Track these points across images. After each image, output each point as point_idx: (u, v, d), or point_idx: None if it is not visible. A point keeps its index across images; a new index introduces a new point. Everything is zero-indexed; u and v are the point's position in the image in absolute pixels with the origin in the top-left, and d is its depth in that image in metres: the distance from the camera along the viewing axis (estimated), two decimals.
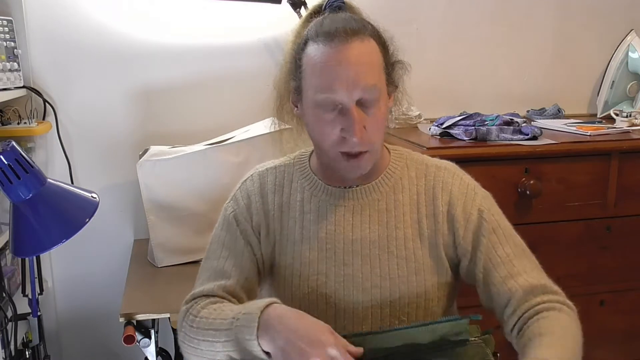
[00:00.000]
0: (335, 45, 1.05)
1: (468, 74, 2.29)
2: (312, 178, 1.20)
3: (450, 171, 1.20)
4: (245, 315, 1.02)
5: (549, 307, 1.07)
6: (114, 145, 2.07)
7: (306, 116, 1.13)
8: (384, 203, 1.17)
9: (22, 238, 1.23)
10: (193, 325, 1.08)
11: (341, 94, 1.05)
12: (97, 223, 1.33)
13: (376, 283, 1.13)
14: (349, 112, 1.05)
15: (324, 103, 1.07)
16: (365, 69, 1.06)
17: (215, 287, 1.13)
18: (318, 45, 1.07)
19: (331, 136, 1.08)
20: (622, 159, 1.79)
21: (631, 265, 1.86)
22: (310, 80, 1.09)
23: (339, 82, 1.04)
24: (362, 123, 1.06)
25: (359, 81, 1.05)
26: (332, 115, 1.07)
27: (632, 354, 1.93)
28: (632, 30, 2.29)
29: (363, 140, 1.07)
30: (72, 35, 1.98)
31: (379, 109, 1.08)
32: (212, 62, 2.09)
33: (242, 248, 1.17)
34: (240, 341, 1.01)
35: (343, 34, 1.05)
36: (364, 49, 1.07)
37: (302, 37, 1.12)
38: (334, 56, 1.05)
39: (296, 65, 1.12)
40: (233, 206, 1.21)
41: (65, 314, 2.14)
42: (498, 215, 1.18)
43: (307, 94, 1.10)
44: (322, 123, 1.08)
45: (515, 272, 1.11)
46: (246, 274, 1.17)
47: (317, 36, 1.08)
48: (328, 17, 1.12)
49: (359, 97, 1.06)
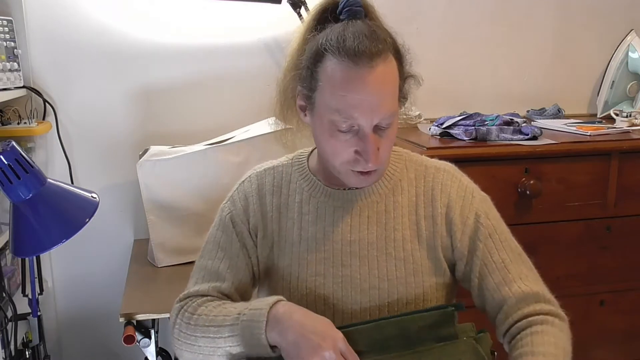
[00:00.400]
0: (360, 70, 1.01)
1: (468, 74, 2.29)
2: (311, 179, 1.20)
3: (449, 173, 1.20)
4: (253, 311, 1.03)
5: (542, 321, 1.07)
6: (114, 145, 2.07)
7: (317, 128, 1.11)
8: (382, 204, 1.17)
9: (22, 238, 1.23)
10: (190, 322, 1.09)
11: (361, 120, 1.04)
12: (97, 223, 1.33)
13: (374, 284, 1.13)
14: (366, 137, 1.05)
15: (341, 124, 1.05)
16: (386, 96, 1.05)
17: (209, 289, 1.14)
18: (340, 64, 1.02)
19: (344, 155, 1.07)
20: (622, 159, 1.79)
21: (631, 265, 1.86)
22: (328, 98, 1.05)
23: (361, 109, 1.03)
24: (377, 146, 1.06)
25: (380, 109, 1.03)
26: (348, 136, 1.06)
27: (632, 354, 1.93)
28: (632, 30, 2.29)
29: (375, 160, 1.07)
30: (72, 35, 1.98)
31: (392, 131, 1.08)
32: (212, 62, 2.09)
33: (238, 251, 1.18)
34: (246, 336, 1.02)
35: (368, 57, 1.01)
36: (387, 74, 1.04)
37: (318, 46, 1.06)
38: (358, 82, 1.02)
39: (311, 76, 1.07)
40: (230, 207, 1.20)
41: (65, 314, 2.14)
42: (495, 219, 1.18)
43: (323, 109, 1.07)
44: (336, 142, 1.07)
45: (509, 279, 1.12)
46: (240, 276, 1.17)
47: (338, 52, 1.02)
48: (349, 29, 1.04)
49: (377, 123, 1.05)
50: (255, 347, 1.02)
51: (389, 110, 1.05)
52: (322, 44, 1.05)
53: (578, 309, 1.83)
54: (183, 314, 1.11)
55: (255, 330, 1.01)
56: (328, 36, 1.05)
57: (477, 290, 1.15)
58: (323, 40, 1.05)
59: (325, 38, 1.05)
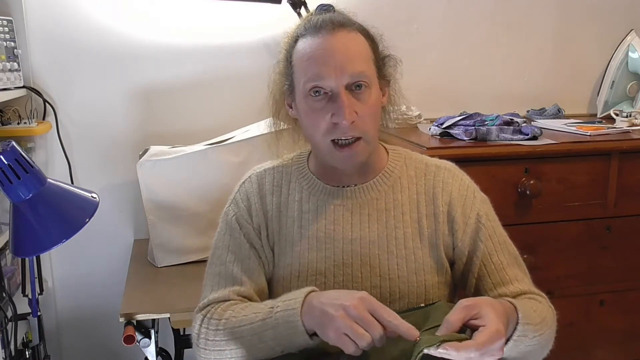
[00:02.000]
0: (322, 35, 1.08)
1: (468, 74, 2.29)
2: (310, 177, 1.20)
3: (450, 171, 1.21)
4: (287, 302, 1.00)
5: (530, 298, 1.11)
6: (114, 145, 2.07)
7: (299, 112, 1.14)
8: (382, 202, 1.17)
9: (22, 238, 1.23)
10: (218, 328, 1.06)
11: (329, 80, 1.06)
12: (97, 223, 1.33)
13: (376, 283, 1.13)
14: (339, 96, 1.06)
15: (313, 91, 1.08)
16: (352, 55, 1.08)
17: (229, 293, 1.12)
18: (306, 39, 1.10)
19: (322, 124, 1.08)
20: (622, 159, 1.79)
21: (631, 265, 1.86)
22: (299, 72, 1.10)
23: (327, 69, 1.06)
24: (353, 107, 1.07)
25: (346, 67, 1.06)
26: (323, 104, 1.08)
27: (632, 354, 1.93)
28: (632, 30, 2.29)
29: (355, 125, 1.07)
30: (72, 35, 1.98)
31: (369, 96, 1.09)
32: (212, 62, 2.09)
33: (248, 252, 1.17)
34: (281, 327, 0.99)
35: (330, 25, 1.08)
36: (350, 39, 1.09)
37: (292, 37, 1.15)
38: (321, 45, 1.08)
39: (288, 64, 1.14)
40: (234, 209, 1.20)
41: (65, 314, 2.14)
42: (495, 221, 1.19)
43: (298, 87, 1.11)
44: (313, 112, 1.09)
45: (506, 280, 1.14)
46: (255, 277, 1.16)
47: (305, 31, 1.11)
48: (315, 15, 1.15)
49: (347, 82, 1.06)
50: (292, 337, 0.98)
51: (356, 69, 1.07)
52: (293, 33, 1.15)
53: (578, 309, 1.83)
54: (208, 321, 1.09)
55: (291, 318, 0.98)
56: (299, 25, 1.15)
57: (474, 289, 1.16)
58: (294, 30, 1.15)
59: (296, 27, 1.15)
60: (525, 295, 1.12)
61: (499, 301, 0.99)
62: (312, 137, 1.13)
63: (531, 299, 1.11)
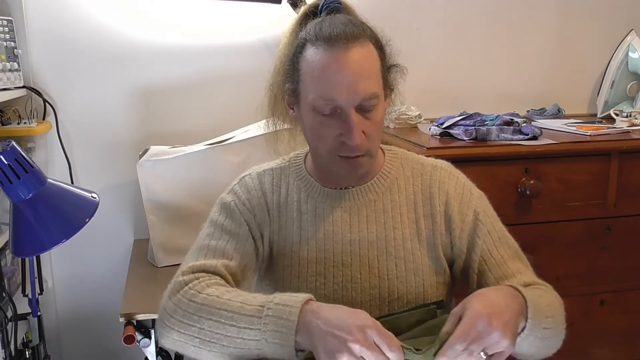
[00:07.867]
0: (336, 51, 1.04)
1: (468, 74, 2.29)
2: (307, 179, 1.20)
3: (446, 171, 1.21)
4: (281, 307, 0.95)
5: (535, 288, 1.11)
6: (114, 145, 2.07)
7: (303, 119, 1.12)
8: (380, 203, 1.17)
9: (22, 238, 1.23)
10: (195, 300, 1.00)
11: (341, 101, 1.05)
12: (97, 223, 1.33)
13: (375, 283, 1.13)
14: (348, 117, 1.05)
15: (323, 108, 1.06)
16: (365, 76, 1.06)
17: (218, 264, 1.07)
18: (317, 49, 1.06)
19: (329, 140, 1.08)
20: (622, 159, 1.79)
21: (631, 265, 1.86)
22: (309, 85, 1.08)
23: (340, 89, 1.04)
24: (361, 128, 1.06)
25: (359, 88, 1.04)
26: (331, 120, 1.07)
27: (632, 354, 1.93)
28: (632, 30, 2.29)
29: (362, 145, 1.07)
30: (72, 35, 1.98)
31: (377, 114, 1.09)
32: (212, 62, 2.09)
33: (247, 235, 1.14)
34: (269, 333, 0.94)
35: (343, 40, 1.04)
36: (364, 55, 1.06)
37: (299, 39, 1.11)
38: (335, 63, 1.04)
39: (294, 68, 1.11)
40: (232, 197, 1.19)
41: (65, 314, 2.14)
42: (493, 217, 1.19)
43: (306, 98, 1.09)
44: (321, 127, 1.08)
45: (509, 274, 1.13)
46: (247, 260, 1.13)
47: (316, 40, 1.06)
48: (326, 20, 1.10)
49: (359, 104, 1.05)
50: (277, 347, 0.94)
51: (368, 91, 1.06)
52: (302, 37, 1.10)
53: (578, 309, 1.83)
54: (186, 290, 1.02)
55: (284, 330, 0.93)
56: (307, 28, 1.10)
57: (476, 286, 1.15)
58: (303, 33, 1.11)
59: (305, 31, 1.11)
60: (530, 287, 1.11)
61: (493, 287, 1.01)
62: (316, 148, 1.12)
63: (536, 288, 1.10)
